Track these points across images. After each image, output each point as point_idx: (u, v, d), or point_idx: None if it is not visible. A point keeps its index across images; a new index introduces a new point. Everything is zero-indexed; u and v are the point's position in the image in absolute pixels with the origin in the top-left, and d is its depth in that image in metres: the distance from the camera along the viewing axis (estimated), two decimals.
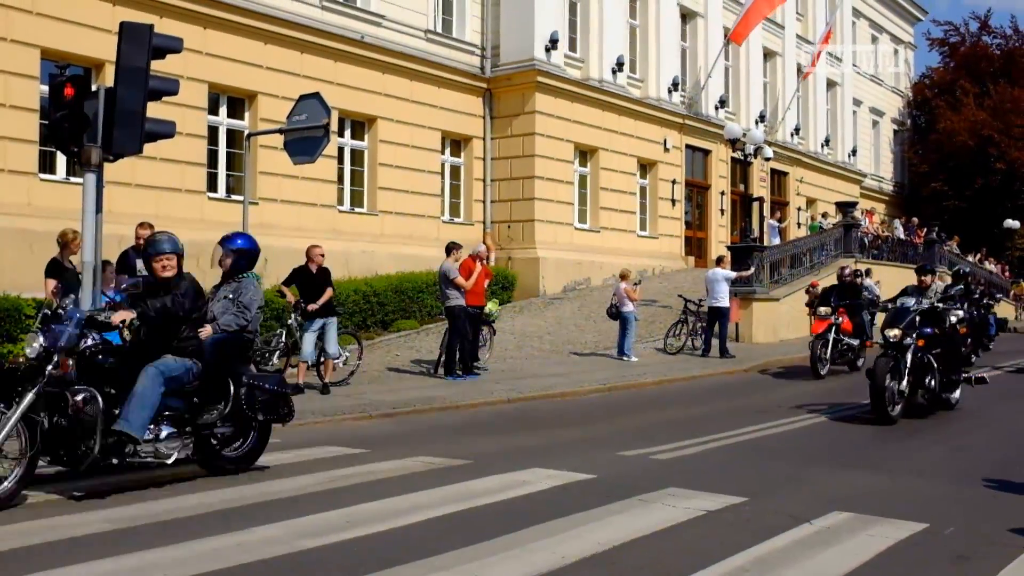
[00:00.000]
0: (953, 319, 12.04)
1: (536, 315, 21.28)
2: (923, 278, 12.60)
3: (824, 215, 33.69)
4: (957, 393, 12.26)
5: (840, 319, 16.71)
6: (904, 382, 11.03)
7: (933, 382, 11.45)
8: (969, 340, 14.85)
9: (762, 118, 33.05)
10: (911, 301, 11.84)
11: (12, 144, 14.99)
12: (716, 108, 30.61)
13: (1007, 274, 39.70)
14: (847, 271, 18.43)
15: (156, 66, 9.92)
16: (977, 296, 18.44)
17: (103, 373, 6.94)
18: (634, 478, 7.64)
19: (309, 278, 13.20)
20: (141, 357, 7.15)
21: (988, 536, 6.06)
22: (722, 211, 31.01)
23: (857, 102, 42.01)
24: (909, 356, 11.14)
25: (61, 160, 15.49)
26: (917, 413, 11.73)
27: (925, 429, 10.85)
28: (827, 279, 25.24)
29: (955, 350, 12.08)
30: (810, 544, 5.77)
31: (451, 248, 15.10)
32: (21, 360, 7.43)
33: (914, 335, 11.32)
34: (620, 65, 26.29)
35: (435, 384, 14.04)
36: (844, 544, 5.77)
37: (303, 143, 13.31)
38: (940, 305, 11.91)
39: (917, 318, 11.52)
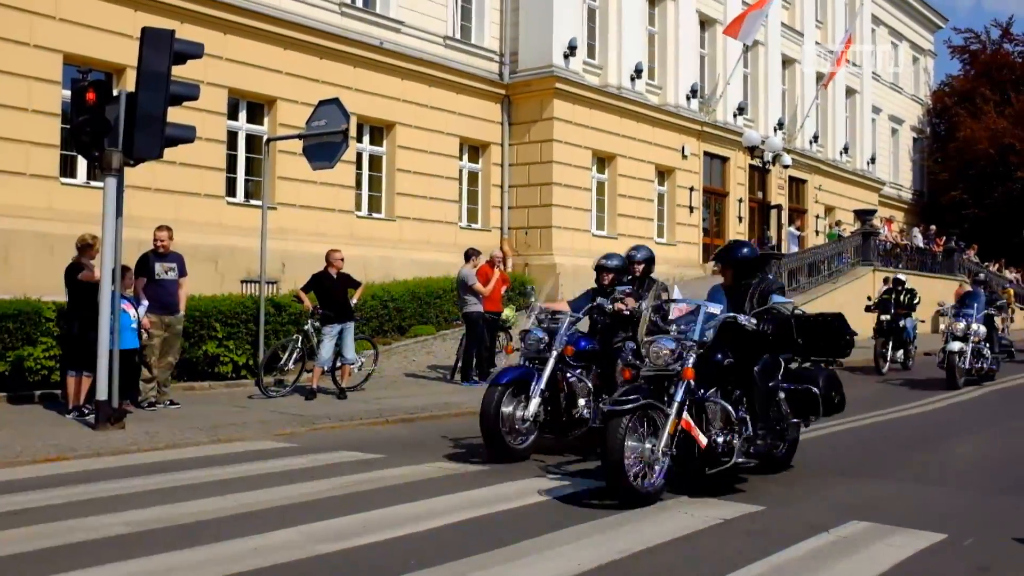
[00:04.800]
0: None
1: None
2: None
3: (838, 223, 33.60)
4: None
5: None
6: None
7: None
8: None
9: (780, 125, 32.96)
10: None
11: (34, 148, 15.11)
12: (734, 115, 30.55)
13: None
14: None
15: (177, 71, 9.99)
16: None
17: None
18: None
19: (329, 283, 13.21)
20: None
21: (1008, 547, 6.00)
22: (740, 218, 30.93)
23: (876, 110, 41.84)
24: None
25: (82, 164, 15.61)
26: (935, 422, 11.64)
27: (944, 439, 10.78)
28: (845, 287, 25.17)
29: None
30: (828, 553, 5.73)
31: (469, 254, 15.12)
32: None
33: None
34: (638, 72, 26.28)
35: (452, 390, 14.05)
36: (862, 554, 5.73)
37: (322, 148, 13.36)
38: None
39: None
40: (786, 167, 29.27)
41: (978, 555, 5.83)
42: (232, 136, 18.36)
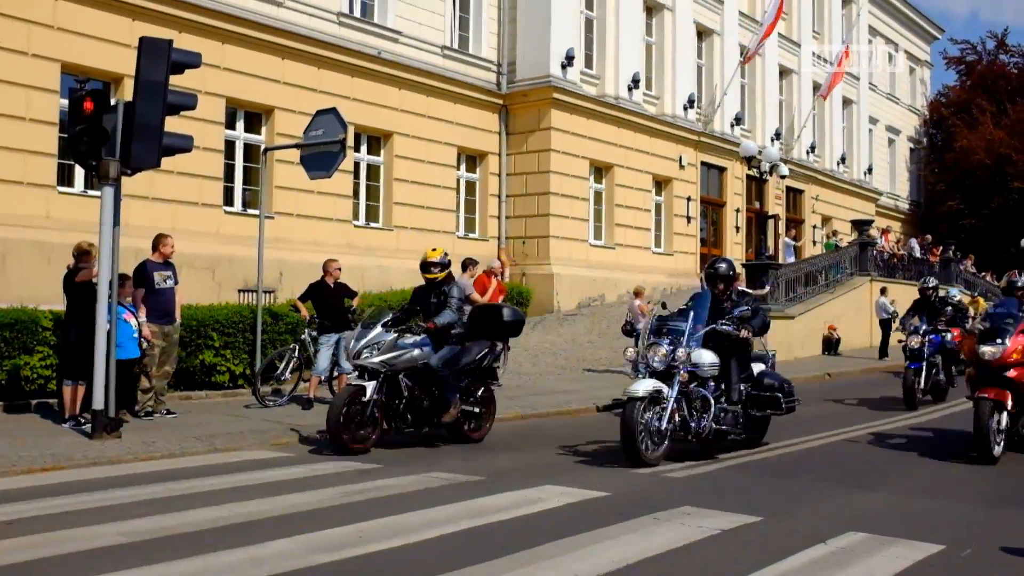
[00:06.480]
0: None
1: (550, 331, 21.25)
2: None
3: (835, 233, 33.66)
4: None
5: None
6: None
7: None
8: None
9: (778, 136, 33.02)
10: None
11: (31, 157, 15.10)
12: (732, 125, 30.61)
13: None
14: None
15: (174, 81, 10.01)
16: None
17: None
18: (648, 496, 7.61)
19: (326, 293, 13.21)
20: None
21: (1006, 558, 6.00)
22: (737, 228, 30.96)
23: (873, 120, 41.94)
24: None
25: (79, 173, 15.59)
26: (932, 435, 11.64)
27: (942, 450, 10.77)
28: (842, 297, 25.18)
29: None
30: (825, 564, 5.72)
31: (467, 264, 15.13)
32: None
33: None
34: (636, 82, 26.33)
35: None
36: (860, 565, 5.72)
37: (319, 158, 13.36)
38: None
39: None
40: (783, 177, 29.27)
41: (977, 566, 5.83)
42: (230, 145, 18.35)
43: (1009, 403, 9.68)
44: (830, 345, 24.00)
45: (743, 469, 9.18)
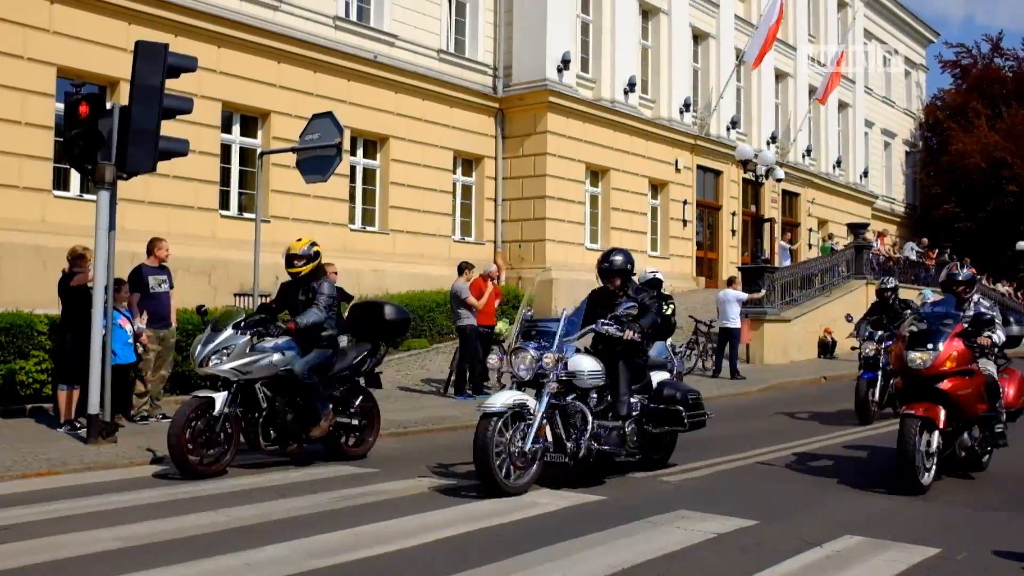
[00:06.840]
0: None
1: None
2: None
3: (830, 236, 33.65)
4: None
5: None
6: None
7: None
8: None
9: (773, 139, 33.04)
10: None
11: (27, 161, 15.09)
12: (728, 129, 30.63)
13: (1020, 296, 39.46)
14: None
15: (170, 84, 10.00)
16: None
17: None
18: (644, 500, 7.61)
19: None
20: None
21: (1001, 562, 6.01)
22: (733, 232, 30.99)
23: (869, 123, 41.99)
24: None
25: (75, 177, 15.58)
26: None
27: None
28: (838, 300, 25.20)
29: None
30: (821, 568, 5.72)
31: (463, 268, 15.11)
32: None
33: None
34: (632, 86, 26.35)
35: (445, 403, 14.03)
36: (855, 568, 5.73)
37: (315, 162, 13.34)
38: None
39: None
40: (779, 181, 29.34)
41: (972, 569, 5.83)
42: (226, 149, 18.35)
43: (941, 421, 8.02)
44: (826, 348, 24.03)
45: (738, 473, 9.19)
